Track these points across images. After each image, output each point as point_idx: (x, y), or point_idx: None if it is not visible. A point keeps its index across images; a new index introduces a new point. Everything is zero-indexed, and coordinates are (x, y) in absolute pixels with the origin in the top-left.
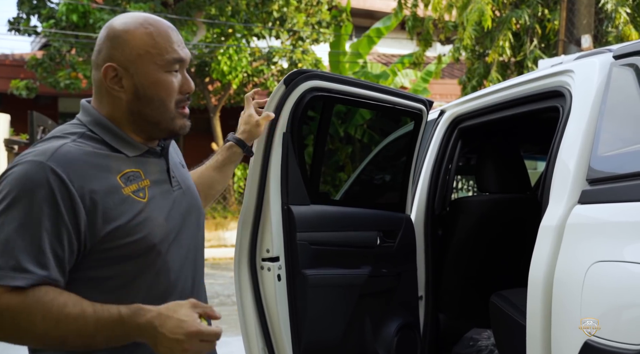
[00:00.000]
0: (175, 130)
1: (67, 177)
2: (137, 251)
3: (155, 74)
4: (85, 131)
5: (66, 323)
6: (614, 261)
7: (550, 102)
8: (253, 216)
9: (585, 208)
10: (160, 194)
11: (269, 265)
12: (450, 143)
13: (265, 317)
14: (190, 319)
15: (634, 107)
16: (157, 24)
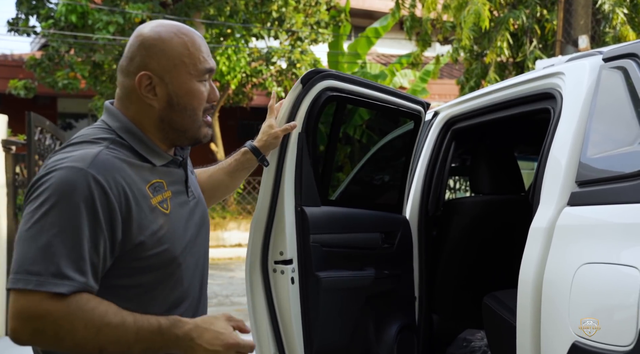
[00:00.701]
0: (199, 138)
1: (107, 185)
2: (159, 263)
3: (189, 84)
4: (115, 137)
5: (107, 332)
6: (602, 263)
7: (541, 104)
8: (267, 217)
9: (574, 210)
10: (179, 206)
11: (282, 268)
12: (444, 144)
13: (277, 320)
14: (228, 332)
15: (622, 109)
16: (190, 34)
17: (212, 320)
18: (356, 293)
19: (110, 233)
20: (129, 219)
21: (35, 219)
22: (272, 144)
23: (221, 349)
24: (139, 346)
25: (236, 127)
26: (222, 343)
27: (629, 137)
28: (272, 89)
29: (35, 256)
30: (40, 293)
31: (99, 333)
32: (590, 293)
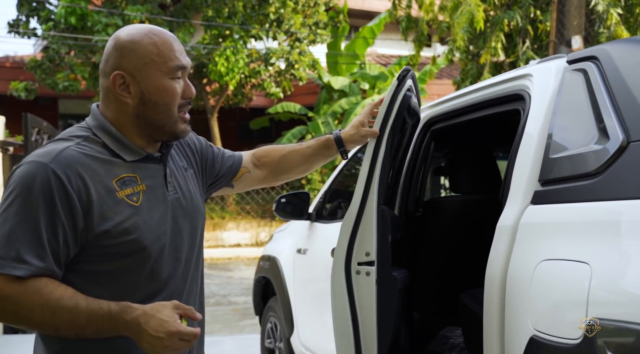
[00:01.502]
0: (177, 133)
1: (65, 179)
2: (128, 251)
3: (159, 81)
4: (90, 134)
5: (61, 314)
6: (557, 260)
7: (512, 105)
8: (355, 217)
9: (536, 208)
10: (154, 199)
11: (367, 269)
12: (423, 145)
13: (357, 321)
14: (172, 320)
15: (581, 110)
16: (161, 34)
17: (159, 308)
18: (404, 291)
19: (71, 222)
20: (90, 210)
21: (2, 210)
22: (357, 141)
23: (164, 336)
24: (90, 328)
25: (236, 128)
26: (165, 330)
27: (588, 137)
28: (270, 90)
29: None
30: (5, 277)
31: (54, 314)
32: (547, 288)
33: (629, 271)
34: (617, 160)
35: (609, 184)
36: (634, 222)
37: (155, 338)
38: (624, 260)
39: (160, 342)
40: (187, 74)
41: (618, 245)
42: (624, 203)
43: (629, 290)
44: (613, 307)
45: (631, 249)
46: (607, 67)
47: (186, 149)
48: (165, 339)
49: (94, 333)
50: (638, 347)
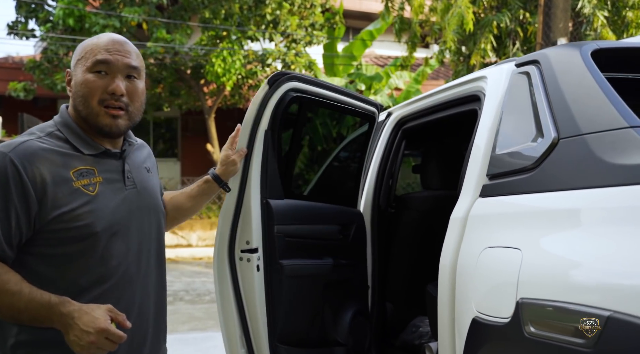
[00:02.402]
0: (100, 126)
1: (21, 167)
2: (80, 236)
3: (82, 75)
4: (54, 130)
5: (3, 296)
6: (497, 247)
7: (471, 105)
8: (234, 209)
9: (484, 201)
10: (111, 191)
11: (248, 256)
12: (394, 143)
13: (243, 306)
14: (102, 319)
15: (524, 110)
16: (104, 36)
17: (94, 307)
18: (315, 280)
19: (24, 207)
20: (44, 196)
21: None
22: (231, 171)
23: (92, 331)
24: (27, 313)
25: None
26: (94, 326)
27: (528, 134)
28: None
29: None
30: None
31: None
32: (487, 273)
33: (553, 254)
34: (549, 156)
35: (541, 177)
36: (559, 212)
37: (83, 332)
38: (549, 245)
39: (88, 336)
40: (121, 72)
41: (546, 232)
42: (552, 194)
43: (553, 272)
44: (538, 287)
45: (556, 235)
46: (546, 70)
47: (150, 158)
48: (93, 335)
49: (30, 319)
50: (558, 323)
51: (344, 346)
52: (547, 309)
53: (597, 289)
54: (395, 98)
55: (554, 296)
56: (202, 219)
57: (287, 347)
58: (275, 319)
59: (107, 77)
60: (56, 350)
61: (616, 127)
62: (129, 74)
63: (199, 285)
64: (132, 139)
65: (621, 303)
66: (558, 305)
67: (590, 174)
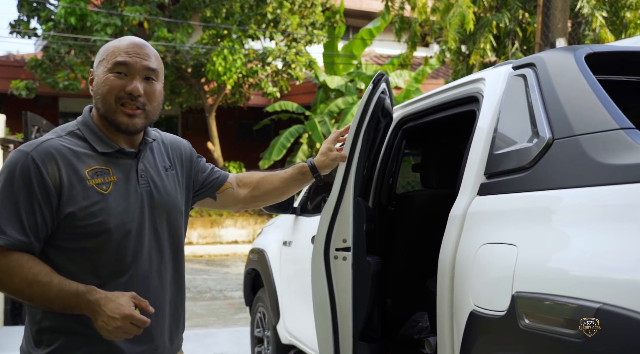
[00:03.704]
0: (118, 124)
1: (42, 165)
2: (93, 233)
3: (103, 75)
4: (75, 129)
5: (36, 287)
6: (494, 243)
7: (470, 106)
8: (333, 208)
9: (481, 199)
10: (124, 190)
11: (344, 255)
12: (395, 142)
13: (335, 302)
14: (127, 305)
15: (520, 111)
16: (125, 39)
17: (119, 295)
18: (376, 275)
19: (47, 202)
20: (61, 193)
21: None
22: (329, 165)
23: (118, 317)
24: (57, 302)
25: (235, 127)
26: (120, 312)
27: (524, 135)
28: (268, 89)
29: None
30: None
31: (30, 286)
32: (484, 268)
33: (547, 250)
34: (544, 156)
35: (536, 176)
36: (553, 209)
37: (110, 318)
38: (543, 241)
39: (114, 322)
40: (140, 73)
41: (540, 229)
42: (546, 193)
43: (546, 266)
44: (533, 281)
45: (550, 231)
46: (541, 73)
47: (175, 153)
48: (119, 320)
49: (60, 307)
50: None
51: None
52: (540, 302)
53: (588, 282)
54: (395, 97)
55: (547, 289)
56: (202, 217)
57: (365, 344)
58: (358, 316)
59: (126, 78)
60: (75, 337)
61: (608, 128)
62: (147, 76)
63: (200, 282)
64: (150, 137)
65: (610, 295)
66: (551, 298)
67: (583, 174)
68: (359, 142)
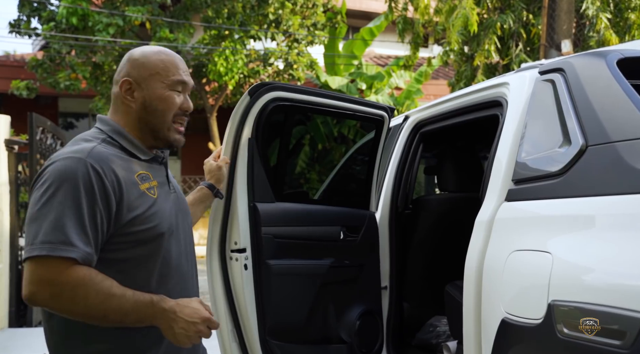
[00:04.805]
0: (169, 140)
1: (101, 171)
2: (148, 238)
3: (160, 91)
4: (106, 137)
5: (111, 301)
6: (526, 250)
7: (492, 110)
8: (222, 212)
9: (510, 205)
10: (164, 194)
11: (236, 256)
12: (412, 146)
13: (234, 302)
14: (202, 309)
15: (549, 117)
16: (170, 54)
17: (189, 300)
18: (311, 279)
19: (107, 211)
20: (121, 200)
21: (44, 201)
22: (219, 176)
23: (198, 321)
24: (133, 315)
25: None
26: (199, 316)
27: (554, 141)
28: None
29: (47, 229)
30: (58, 261)
31: (106, 301)
32: (516, 275)
33: (585, 258)
34: (577, 162)
35: (569, 183)
36: (589, 217)
37: (190, 323)
38: (579, 249)
39: (195, 326)
40: (189, 91)
41: (575, 236)
42: (582, 200)
43: (583, 275)
44: (571, 291)
45: (586, 239)
46: (571, 78)
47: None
48: (199, 324)
49: (135, 320)
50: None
51: (347, 344)
52: (580, 311)
53: (631, 292)
54: (395, 97)
55: (587, 299)
56: (203, 217)
57: (278, 342)
58: (264, 314)
59: (181, 95)
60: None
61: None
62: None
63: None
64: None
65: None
66: (592, 308)
67: (621, 181)
68: (241, 151)
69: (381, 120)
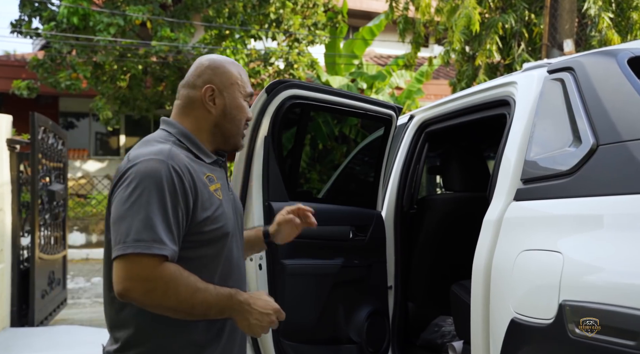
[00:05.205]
0: (238, 145)
1: (181, 172)
2: (215, 238)
3: (239, 100)
4: (175, 140)
5: (198, 294)
6: (536, 250)
7: (499, 110)
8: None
9: (518, 204)
10: (226, 196)
11: (251, 255)
12: (417, 146)
13: None
14: (272, 301)
15: (558, 116)
16: (240, 65)
17: (260, 294)
18: (324, 279)
19: (186, 210)
20: (196, 200)
21: (132, 200)
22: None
23: (271, 312)
24: (215, 308)
25: None
26: (272, 307)
27: (563, 140)
28: None
29: (138, 228)
30: (151, 258)
31: (193, 294)
32: (526, 275)
33: (595, 258)
34: (588, 161)
35: (580, 183)
36: (600, 216)
37: (263, 314)
38: (590, 249)
39: (268, 317)
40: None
41: (586, 236)
42: (593, 199)
43: (595, 275)
44: (583, 290)
45: (597, 239)
46: (581, 77)
47: None
48: (272, 315)
49: (217, 312)
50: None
51: (357, 344)
52: (592, 312)
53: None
54: (396, 97)
55: (600, 299)
56: None
57: (291, 342)
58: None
59: (247, 105)
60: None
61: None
62: None
63: None
64: None
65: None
66: (604, 308)
67: (632, 180)
68: (257, 149)
69: (389, 119)
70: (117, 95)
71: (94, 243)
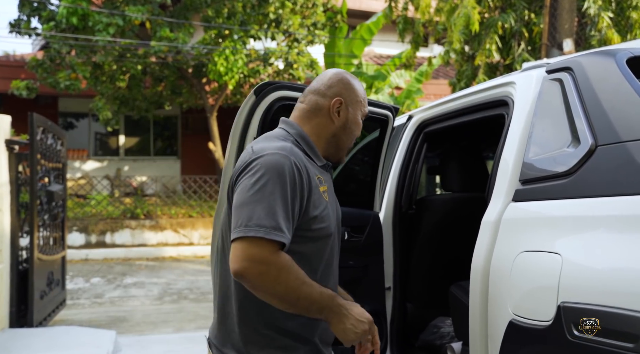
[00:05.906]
0: (342, 158)
1: (301, 168)
2: (320, 236)
3: (359, 117)
4: (293, 139)
5: (304, 287)
6: (534, 251)
7: (498, 110)
8: (224, 213)
9: (517, 205)
10: (331, 199)
11: None
12: (416, 146)
13: None
14: (367, 312)
15: (557, 117)
16: (363, 87)
17: (355, 303)
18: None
19: (300, 205)
20: (310, 196)
21: (257, 188)
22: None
23: (366, 321)
24: (317, 304)
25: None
26: (367, 317)
27: (562, 141)
28: None
29: (260, 214)
30: (269, 243)
31: (301, 286)
32: (524, 277)
33: (594, 260)
34: (587, 162)
35: (578, 183)
36: (599, 217)
37: (359, 321)
38: (589, 250)
39: (363, 325)
40: None
41: (585, 237)
42: (592, 200)
43: (594, 277)
44: (580, 292)
45: (596, 241)
46: (580, 77)
47: None
48: (366, 324)
49: (317, 310)
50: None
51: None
52: (591, 313)
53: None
54: (396, 97)
55: (599, 301)
56: (203, 217)
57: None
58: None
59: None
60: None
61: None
62: None
63: (203, 283)
64: None
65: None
66: (603, 310)
67: (632, 181)
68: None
69: (386, 120)
70: (116, 95)
71: (93, 244)
